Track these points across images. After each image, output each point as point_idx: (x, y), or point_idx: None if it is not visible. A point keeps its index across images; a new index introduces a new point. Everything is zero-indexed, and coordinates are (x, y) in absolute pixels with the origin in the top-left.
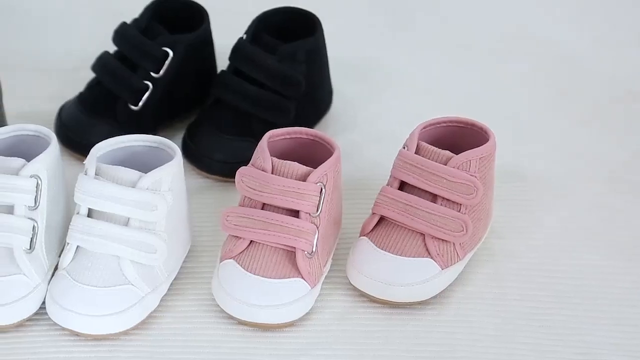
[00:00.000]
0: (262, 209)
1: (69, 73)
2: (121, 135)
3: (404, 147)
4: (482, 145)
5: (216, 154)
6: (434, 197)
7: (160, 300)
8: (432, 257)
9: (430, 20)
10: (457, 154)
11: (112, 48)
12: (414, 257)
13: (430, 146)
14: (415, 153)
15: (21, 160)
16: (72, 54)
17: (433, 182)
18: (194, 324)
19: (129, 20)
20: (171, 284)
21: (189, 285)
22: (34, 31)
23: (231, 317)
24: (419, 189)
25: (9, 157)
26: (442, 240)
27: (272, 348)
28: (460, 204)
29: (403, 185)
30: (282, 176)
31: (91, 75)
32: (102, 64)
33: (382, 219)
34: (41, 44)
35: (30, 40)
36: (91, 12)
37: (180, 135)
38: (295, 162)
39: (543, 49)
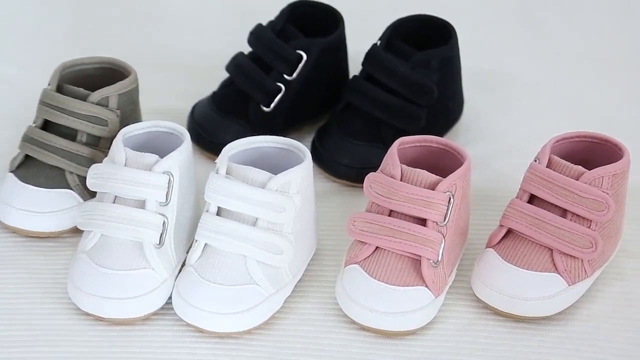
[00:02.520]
0: (389, 216)
1: (204, 72)
2: (251, 135)
3: (535, 160)
4: (615, 161)
5: (344, 158)
6: (563, 212)
7: (284, 302)
8: (559, 273)
9: (566, 32)
10: (589, 170)
11: (247, 49)
12: (540, 271)
13: (562, 160)
14: (547, 167)
15: (155, 157)
16: (207, 53)
17: (564, 196)
18: (316, 327)
19: (265, 22)
20: (295, 285)
21: (313, 288)
22: (171, 29)
23: (353, 322)
24: (549, 203)
25: (143, 153)
26: (570, 256)
27: (393, 355)
28: (591, 221)
29: (532, 199)
30: (411, 184)
31: (225, 75)
32: (236, 64)
33: (509, 231)
34: (178, 42)
35: (168, 38)
36: (228, 12)
37: (308, 138)
38: (425, 170)
39: None
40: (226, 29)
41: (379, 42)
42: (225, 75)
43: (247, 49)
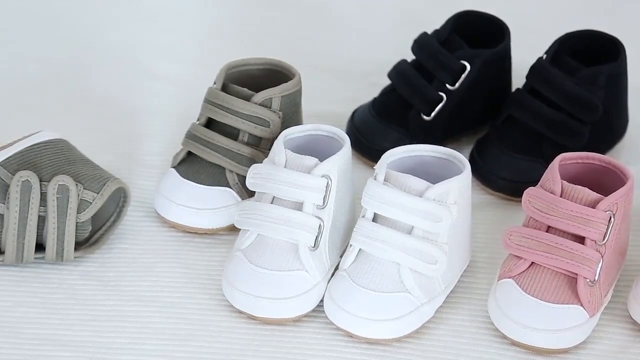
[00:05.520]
0: (546, 232)
1: (365, 78)
2: (409, 143)
3: None
4: None
5: (503, 172)
6: None
7: (435, 312)
8: None
9: None
10: None
11: (410, 57)
12: None
13: None
14: None
15: (314, 159)
16: (370, 59)
17: None
18: (466, 339)
19: (429, 31)
20: (447, 296)
21: (465, 300)
22: (336, 34)
23: (505, 337)
24: None
25: (303, 155)
26: None
27: None
28: None
29: None
30: (571, 201)
31: (386, 81)
32: (399, 71)
33: None
34: (341, 48)
35: (331, 43)
36: (393, 19)
37: (466, 149)
38: (586, 188)
39: None
40: (390, 36)
41: (544, 56)
42: (386, 82)
43: (410, 57)
